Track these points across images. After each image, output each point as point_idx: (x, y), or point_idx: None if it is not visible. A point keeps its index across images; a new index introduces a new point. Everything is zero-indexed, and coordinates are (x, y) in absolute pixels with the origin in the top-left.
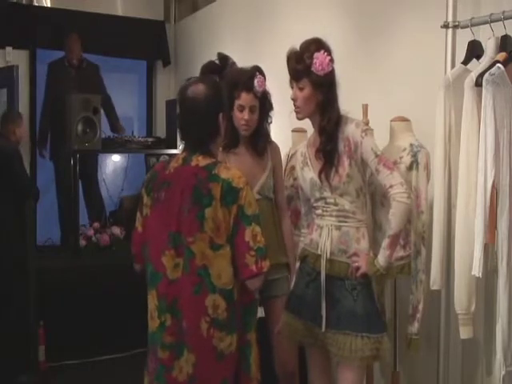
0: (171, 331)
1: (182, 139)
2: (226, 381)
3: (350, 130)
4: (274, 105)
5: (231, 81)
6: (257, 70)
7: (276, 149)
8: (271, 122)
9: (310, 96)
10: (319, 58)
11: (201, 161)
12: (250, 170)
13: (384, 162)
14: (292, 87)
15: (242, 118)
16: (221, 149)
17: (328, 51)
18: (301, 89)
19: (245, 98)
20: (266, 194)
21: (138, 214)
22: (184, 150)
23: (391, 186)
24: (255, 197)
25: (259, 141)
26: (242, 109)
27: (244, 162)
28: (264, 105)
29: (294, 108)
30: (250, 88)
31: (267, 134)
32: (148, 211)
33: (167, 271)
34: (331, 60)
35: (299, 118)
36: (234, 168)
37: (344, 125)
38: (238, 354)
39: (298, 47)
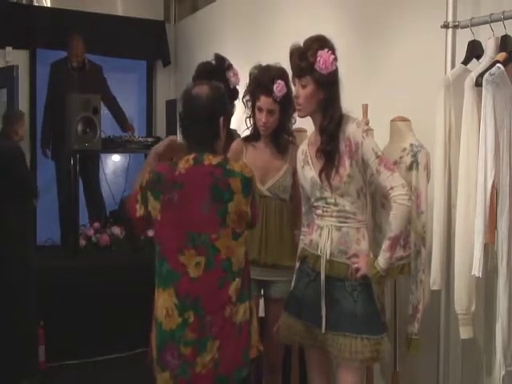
0: (194, 328)
1: (184, 138)
2: (246, 350)
3: (351, 130)
4: None
5: (255, 79)
6: (278, 75)
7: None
8: (295, 122)
9: (313, 94)
10: (323, 56)
11: (212, 159)
12: (264, 166)
13: (385, 162)
14: (294, 84)
15: (260, 119)
16: (242, 138)
17: (332, 49)
18: (303, 86)
19: (264, 101)
20: (276, 193)
21: (138, 206)
22: (191, 150)
23: (392, 188)
24: (265, 194)
25: (280, 138)
26: (260, 110)
27: (260, 157)
28: (286, 107)
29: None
30: (269, 92)
31: (289, 133)
32: (158, 214)
33: (188, 270)
34: (335, 59)
35: (301, 116)
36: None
37: (345, 124)
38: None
39: (301, 43)
